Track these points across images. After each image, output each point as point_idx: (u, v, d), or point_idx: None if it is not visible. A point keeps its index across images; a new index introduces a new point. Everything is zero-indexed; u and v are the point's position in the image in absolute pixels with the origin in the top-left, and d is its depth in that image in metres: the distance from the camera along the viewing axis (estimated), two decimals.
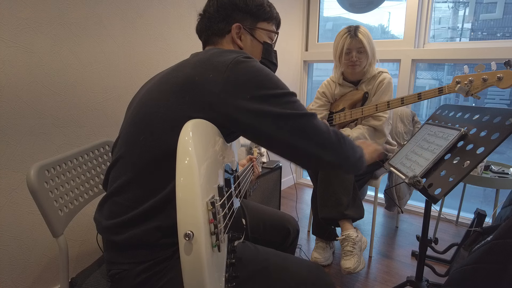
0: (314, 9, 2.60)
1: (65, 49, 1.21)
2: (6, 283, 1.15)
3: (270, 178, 1.89)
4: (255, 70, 0.67)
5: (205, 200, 0.53)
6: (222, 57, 0.68)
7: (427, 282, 1.25)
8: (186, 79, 0.67)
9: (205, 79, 0.66)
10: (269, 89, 0.67)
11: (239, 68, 0.66)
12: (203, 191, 0.53)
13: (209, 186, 0.57)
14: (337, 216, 1.44)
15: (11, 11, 1.06)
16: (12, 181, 1.13)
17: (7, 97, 1.09)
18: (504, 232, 0.87)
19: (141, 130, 0.69)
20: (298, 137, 0.68)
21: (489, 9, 1.96)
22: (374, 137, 1.59)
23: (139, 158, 0.68)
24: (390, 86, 1.59)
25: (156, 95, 0.70)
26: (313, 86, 2.81)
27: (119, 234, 0.67)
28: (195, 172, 0.52)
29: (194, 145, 0.54)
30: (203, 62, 0.68)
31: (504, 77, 1.15)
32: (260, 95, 0.66)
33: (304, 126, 0.68)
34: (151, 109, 0.69)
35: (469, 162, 0.91)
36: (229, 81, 0.65)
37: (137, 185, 0.67)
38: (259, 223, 1.01)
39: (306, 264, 0.80)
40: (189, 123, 0.57)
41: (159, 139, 0.66)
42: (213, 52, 0.71)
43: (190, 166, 0.52)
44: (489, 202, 2.22)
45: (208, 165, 0.59)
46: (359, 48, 1.55)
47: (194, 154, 0.53)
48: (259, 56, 0.88)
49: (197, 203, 0.51)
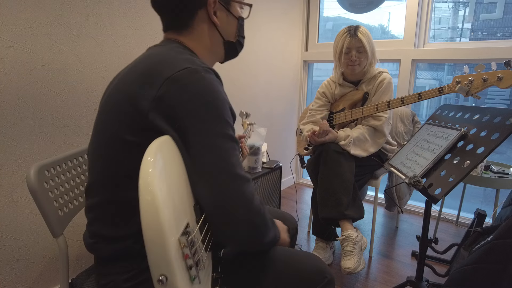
0: (314, 9, 2.60)
1: (65, 49, 1.21)
2: (6, 283, 1.15)
3: (270, 178, 1.89)
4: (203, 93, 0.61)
5: (176, 236, 0.50)
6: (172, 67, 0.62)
7: (427, 282, 1.25)
8: (124, 97, 0.63)
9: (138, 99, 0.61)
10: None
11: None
12: (173, 227, 0.50)
13: (182, 213, 0.54)
14: (337, 216, 1.44)
15: (11, 11, 1.06)
16: (12, 181, 1.13)
17: (7, 97, 1.09)
18: (504, 232, 0.87)
19: (101, 148, 0.67)
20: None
21: (489, 9, 1.96)
22: (374, 137, 1.59)
23: (104, 177, 0.66)
24: (390, 86, 1.59)
25: (109, 107, 0.66)
26: (313, 86, 2.80)
27: (102, 250, 0.67)
28: (160, 210, 0.48)
29: (158, 173, 0.50)
30: (145, 76, 0.62)
31: (504, 77, 1.15)
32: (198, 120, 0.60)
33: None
34: (105, 125, 0.66)
35: (469, 162, 0.91)
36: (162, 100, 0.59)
37: (108, 203, 0.66)
38: None
39: (300, 253, 0.81)
40: (150, 149, 0.53)
41: (117, 160, 0.63)
42: (164, 57, 0.65)
43: (154, 204, 0.48)
44: (489, 202, 2.22)
45: (179, 189, 0.55)
46: (359, 47, 1.55)
47: (157, 189, 0.49)
48: (234, 34, 0.81)
49: (167, 243, 0.47)
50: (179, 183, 0.57)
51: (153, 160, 0.51)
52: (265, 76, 2.34)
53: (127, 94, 0.63)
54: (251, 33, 2.13)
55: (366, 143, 1.56)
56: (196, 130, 0.59)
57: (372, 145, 1.58)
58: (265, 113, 2.41)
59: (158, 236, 0.47)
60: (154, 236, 0.47)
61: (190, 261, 0.52)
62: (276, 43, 2.38)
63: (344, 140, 1.53)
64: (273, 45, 2.36)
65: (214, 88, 0.62)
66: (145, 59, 0.66)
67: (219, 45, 0.80)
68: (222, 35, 0.78)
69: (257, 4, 2.13)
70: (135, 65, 0.67)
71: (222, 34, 0.78)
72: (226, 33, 0.79)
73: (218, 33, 0.77)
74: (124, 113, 0.62)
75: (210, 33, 0.76)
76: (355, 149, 1.54)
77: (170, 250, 0.48)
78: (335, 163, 1.48)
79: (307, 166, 1.68)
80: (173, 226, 0.50)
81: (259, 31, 2.20)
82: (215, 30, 0.76)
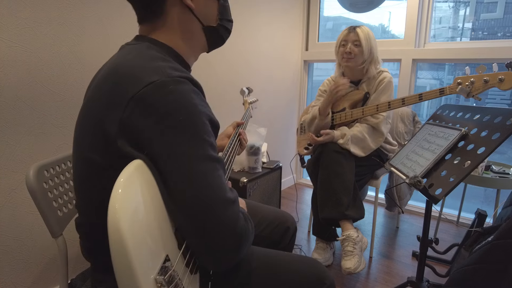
0: (314, 9, 2.59)
1: (64, 49, 1.21)
2: (5, 283, 1.15)
3: (270, 178, 1.88)
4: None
5: (152, 276, 0.47)
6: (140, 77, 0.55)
7: (428, 283, 1.25)
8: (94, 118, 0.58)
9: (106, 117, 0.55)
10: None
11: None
12: (147, 267, 0.47)
13: (161, 245, 0.51)
14: (338, 216, 1.44)
15: (10, 11, 1.06)
16: (11, 181, 1.13)
17: (6, 97, 1.08)
18: (505, 232, 0.87)
19: (77, 168, 0.63)
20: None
21: (490, 9, 1.96)
22: (372, 136, 1.59)
23: (85, 199, 0.63)
24: (389, 85, 1.59)
25: (80, 127, 0.62)
26: (313, 86, 2.80)
27: (96, 258, 0.67)
28: (130, 254, 0.44)
29: (129, 207, 0.47)
30: (112, 89, 0.56)
31: (506, 79, 1.15)
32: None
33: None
34: (77, 145, 0.63)
35: (470, 162, 0.90)
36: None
37: (94, 224, 0.64)
38: (255, 220, 1.01)
39: (298, 258, 0.80)
40: (120, 178, 0.48)
41: (92, 184, 0.60)
42: (135, 63, 0.58)
43: (123, 247, 0.44)
44: (490, 202, 2.22)
45: (156, 217, 0.52)
46: (355, 41, 1.57)
47: (126, 229, 0.45)
48: (215, 18, 0.71)
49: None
50: (157, 210, 0.53)
51: (123, 191, 0.47)
52: (265, 75, 2.34)
53: (95, 116, 0.57)
54: (251, 32, 2.12)
55: (364, 141, 1.56)
56: (168, 156, 0.53)
57: (370, 143, 1.57)
58: (265, 113, 2.41)
59: (131, 283, 0.44)
60: (127, 283, 0.45)
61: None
62: (276, 42, 2.38)
63: (342, 139, 1.53)
64: (273, 44, 2.36)
65: (186, 103, 0.55)
66: (112, 70, 0.59)
67: (199, 32, 0.70)
68: (200, 20, 0.69)
69: (257, 4, 2.13)
70: (103, 77, 0.60)
71: (200, 18, 0.68)
72: (205, 17, 0.69)
73: (195, 18, 0.68)
74: (93, 135, 0.57)
75: (185, 19, 0.67)
76: (354, 147, 1.54)
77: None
78: (335, 163, 1.48)
79: (307, 166, 1.68)
80: (148, 265, 0.47)
81: (260, 30, 2.19)
82: (191, 14, 0.67)
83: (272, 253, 0.80)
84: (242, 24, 2.04)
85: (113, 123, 0.54)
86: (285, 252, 0.83)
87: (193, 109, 0.55)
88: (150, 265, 0.48)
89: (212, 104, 1.94)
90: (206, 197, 0.53)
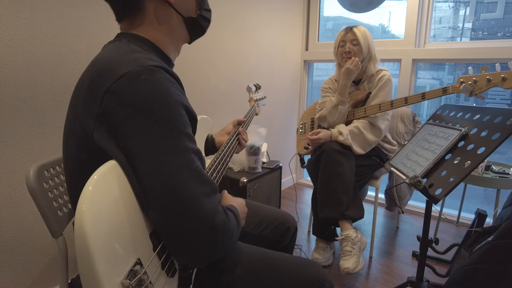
0: (314, 9, 2.59)
1: (64, 49, 1.21)
2: (5, 284, 1.15)
3: (270, 178, 1.88)
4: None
5: (118, 280, 0.47)
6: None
7: (428, 283, 1.25)
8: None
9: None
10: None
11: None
12: (113, 273, 0.46)
13: (131, 248, 0.50)
14: (337, 216, 1.44)
15: (10, 11, 1.06)
16: (11, 182, 1.13)
17: (6, 97, 1.08)
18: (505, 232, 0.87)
19: (67, 171, 0.64)
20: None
21: (490, 9, 1.96)
22: (370, 130, 1.59)
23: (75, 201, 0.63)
24: (389, 83, 1.59)
25: (66, 125, 0.63)
26: (313, 86, 2.80)
27: None
28: (94, 257, 0.44)
29: (96, 210, 0.46)
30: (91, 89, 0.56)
31: (508, 78, 1.16)
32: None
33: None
34: (65, 147, 0.64)
35: (470, 162, 0.90)
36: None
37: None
38: (255, 220, 1.01)
39: (297, 260, 0.79)
40: (90, 180, 0.47)
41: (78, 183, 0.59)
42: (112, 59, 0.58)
43: (87, 251, 0.43)
44: (490, 202, 2.22)
45: (129, 220, 0.51)
46: (353, 40, 1.58)
47: (90, 233, 0.44)
48: (194, 8, 0.71)
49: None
50: (130, 212, 0.52)
51: (93, 191, 0.46)
52: (265, 75, 2.34)
53: (76, 115, 0.58)
54: (251, 32, 2.12)
55: (361, 136, 1.56)
56: (141, 149, 0.52)
57: (367, 137, 1.57)
58: (265, 113, 2.41)
59: (94, 286, 0.44)
60: (91, 286, 0.44)
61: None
62: (277, 42, 2.38)
63: (342, 136, 1.53)
64: (274, 44, 2.36)
65: (160, 92, 0.54)
66: (91, 67, 0.60)
67: (180, 25, 0.70)
68: (180, 12, 0.69)
69: (257, 4, 2.13)
70: (82, 75, 0.62)
71: (180, 11, 0.68)
72: (184, 9, 0.69)
73: (175, 10, 0.68)
74: (76, 134, 0.58)
75: (165, 13, 0.67)
76: (354, 143, 1.54)
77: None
78: (335, 162, 1.48)
79: (307, 166, 1.68)
80: (114, 268, 0.46)
81: (260, 30, 2.19)
82: (171, 8, 0.67)
83: (271, 254, 0.80)
84: (242, 24, 2.04)
85: (90, 119, 0.54)
86: (285, 253, 0.83)
87: (168, 99, 0.54)
88: (117, 268, 0.47)
89: (213, 103, 1.94)
90: (182, 190, 0.52)
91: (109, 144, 0.53)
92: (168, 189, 0.52)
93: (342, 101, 1.59)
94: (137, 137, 0.52)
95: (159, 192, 0.52)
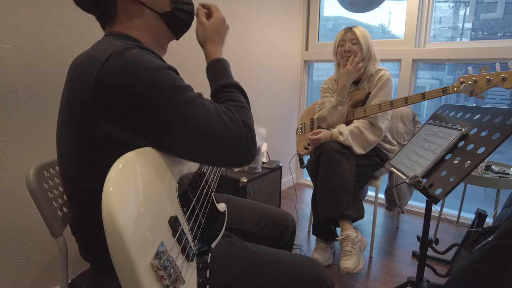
0: (314, 9, 2.59)
1: (64, 49, 1.21)
2: (5, 284, 1.15)
3: (270, 178, 1.88)
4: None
5: (148, 261, 0.48)
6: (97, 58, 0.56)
7: (428, 283, 1.25)
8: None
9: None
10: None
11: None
12: (143, 254, 0.47)
13: (155, 234, 0.52)
14: (337, 216, 1.44)
15: (10, 11, 1.06)
16: (11, 182, 1.13)
17: (6, 97, 1.08)
18: (505, 232, 0.87)
19: (64, 169, 0.64)
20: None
21: (490, 9, 1.96)
22: (370, 130, 1.59)
23: (74, 202, 0.65)
24: (388, 82, 1.59)
25: (58, 127, 0.64)
26: (313, 86, 2.80)
27: (94, 259, 0.68)
28: (128, 246, 0.45)
29: (124, 202, 0.47)
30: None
31: (508, 78, 1.16)
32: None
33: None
34: (60, 145, 0.64)
35: (470, 162, 0.90)
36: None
37: (85, 216, 0.65)
38: (255, 218, 1.01)
39: (298, 258, 0.80)
40: (109, 177, 0.48)
41: (80, 182, 0.62)
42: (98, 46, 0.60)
43: (118, 235, 0.44)
44: (490, 202, 2.22)
45: (150, 207, 0.53)
46: (352, 39, 1.58)
47: (123, 224, 0.45)
48: (167, 3, 0.70)
49: (138, 274, 0.45)
50: (149, 201, 0.53)
51: (114, 189, 0.47)
52: (265, 75, 2.34)
53: (68, 108, 0.58)
54: (251, 32, 2.12)
55: (361, 136, 1.56)
56: (153, 123, 0.55)
57: (368, 137, 1.57)
58: (265, 113, 2.41)
59: (128, 268, 0.45)
60: (124, 268, 0.45)
61: (166, 281, 0.50)
62: (276, 42, 2.38)
63: (342, 136, 1.53)
64: (273, 44, 2.36)
65: (144, 62, 0.55)
66: (72, 64, 0.62)
67: (156, 21, 0.70)
68: (153, 8, 0.68)
69: (257, 4, 2.13)
70: (67, 76, 0.62)
71: (153, 8, 0.68)
72: (156, 5, 0.68)
73: (149, 9, 0.68)
74: (71, 128, 0.58)
75: (140, 13, 0.67)
76: (354, 143, 1.54)
77: (142, 277, 0.46)
78: (335, 162, 1.48)
79: (307, 166, 1.68)
80: (143, 251, 0.48)
81: (259, 30, 2.19)
82: (144, 7, 0.67)
83: (272, 251, 0.80)
84: (242, 24, 2.04)
85: (84, 111, 0.55)
86: (286, 251, 0.83)
87: (155, 66, 0.56)
88: (146, 249, 0.48)
89: None
90: (207, 131, 0.58)
91: (115, 128, 0.55)
92: (197, 139, 0.58)
93: (341, 102, 1.59)
94: (144, 111, 0.54)
95: (189, 145, 0.58)
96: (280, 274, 0.75)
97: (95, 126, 0.55)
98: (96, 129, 0.55)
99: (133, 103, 0.54)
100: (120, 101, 0.54)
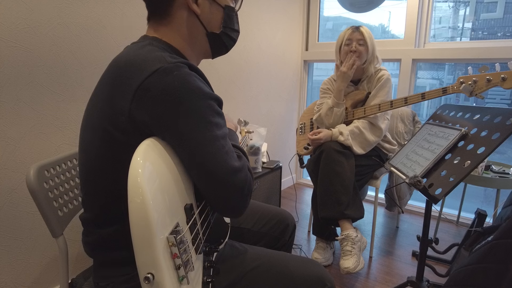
0: (314, 9, 2.59)
1: (64, 49, 1.21)
2: (5, 284, 1.15)
3: (270, 178, 1.88)
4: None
5: (164, 235, 0.49)
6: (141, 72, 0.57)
7: (428, 283, 1.25)
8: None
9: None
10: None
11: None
12: (161, 226, 0.49)
13: (173, 212, 0.54)
14: (337, 215, 1.44)
15: (10, 11, 1.06)
16: (11, 181, 1.13)
17: (6, 97, 1.08)
18: (505, 232, 0.87)
19: (89, 168, 0.65)
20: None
21: (490, 9, 1.96)
22: (370, 130, 1.59)
23: (94, 195, 0.66)
24: (388, 82, 1.59)
25: (89, 126, 0.65)
26: (313, 86, 2.80)
27: (101, 256, 0.68)
28: (149, 211, 0.47)
29: (149, 175, 0.49)
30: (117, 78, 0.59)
31: (508, 78, 1.16)
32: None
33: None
34: (88, 145, 0.65)
35: (469, 162, 0.90)
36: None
37: (101, 211, 0.66)
38: (255, 217, 1.02)
39: (298, 260, 0.80)
40: (138, 151, 0.52)
41: (105, 178, 0.63)
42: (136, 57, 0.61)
43: (143, 202, 0.47)
44: (490, 202, 2.22)
45: (169, 188, 0.55)
46: (359, 39, 1.57)
47: (146, 188, 0.48)
48: (219, 25, 0.72)
49: (154, 242, 0.47)
50: (170, 183, 0.56)
51: (142, 161, 0.50)
52: (265, 75, 2.34)
53: (102, 112, 0.60)
54: (251, 32, 2.12)
55: (361, 136, 1.56)
56: (178, 143, 0.58)
57: (368, 137, 1.57)
58: (265, 113, 2.41)
59: (145, 233, 0.46)
60: (142, 233, 0.46)
61: (179, 260, 0.51)
62: (276, 42, 2.38)
63: (342, 136, 1.53)
64: (273, 44, 2.36)
65: (189, 87, 0.57)
66: (115, 64, 0.62)
67: (201, 37, 0.72)
68: (205, 25, 0.71)
69: (257, 4, 2.13)
70: (106, 73, 0.64)
71: (204, 24, 0.71)
72: (209, 23, 0.71)
73: (200, 23, 0.70)
74: (98, 129, 0.60)
75: (190, 23, 0.69)
76: (354, 143, 1.54)
77: (158, 248, 0.47)
78: (335, 162, 1.48)
79: (307, 166, 1.68)
80: (162, 224, 0.49)
81: (259, 30, 2.19)
82: (196, 19, 0.69)
83: (273, 253, 0.81)
84: (242, 23, 2.04)
85: (120, 115, 0.57)
86: (286, 253, 0.84)
87: (196, 92, 0.58)
88: (165, 222, 0.50)
89: None
90: (217, 173, 0.59)
91: (140, 138, 0.57)
92: (206, 172, 0.60)
93: (338, 103, 1.60)
94: (172, 132, 0.57)
95: (198, 173, 0.60)
96: (282, 276, 0.75)
97: (125, 131, 0.57)
98: (125, 134, 0.58)
99: (163, 122, 0.56)
100: (153, 116, 0.56)
